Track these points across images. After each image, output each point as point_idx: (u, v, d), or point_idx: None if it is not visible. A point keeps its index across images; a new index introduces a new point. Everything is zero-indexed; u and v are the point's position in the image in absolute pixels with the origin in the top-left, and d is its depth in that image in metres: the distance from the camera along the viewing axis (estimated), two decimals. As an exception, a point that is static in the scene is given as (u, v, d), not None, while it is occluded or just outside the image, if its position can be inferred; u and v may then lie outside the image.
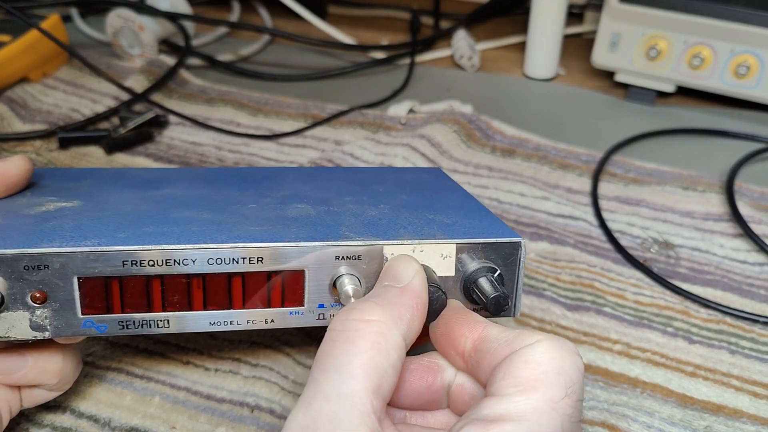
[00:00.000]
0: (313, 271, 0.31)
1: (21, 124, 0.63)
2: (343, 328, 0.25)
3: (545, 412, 0.23)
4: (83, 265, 0.28)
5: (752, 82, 0.63)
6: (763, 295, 0.46)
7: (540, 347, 0.25)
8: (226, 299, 0.30)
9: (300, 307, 0.31)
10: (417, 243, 0.31)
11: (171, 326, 0.30)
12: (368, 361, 0.24)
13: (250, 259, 0.30)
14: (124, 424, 0.37)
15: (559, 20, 0.71)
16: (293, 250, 0.30)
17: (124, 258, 0.29)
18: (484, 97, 0.71)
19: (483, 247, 0.32)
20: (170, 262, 0.29)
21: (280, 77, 0.74)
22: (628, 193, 0.56)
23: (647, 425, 0.37)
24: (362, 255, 0.31)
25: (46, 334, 0.29)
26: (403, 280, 0.28)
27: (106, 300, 0.29)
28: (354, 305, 0.26)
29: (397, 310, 0.26)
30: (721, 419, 0.38)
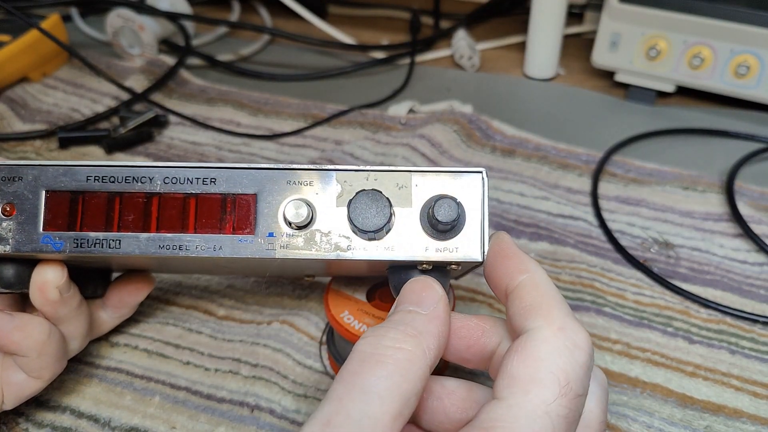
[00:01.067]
0: (264, 196, 0.31)
1: (21, 123, 0.63)
2: (374, 350, 0.25)
3: (537, 416, 0.23)
4: (53, 178, 0.31)
5: (752, 82, 0.63)
6: (763, 295, 0.46)
7: (537, 339, 0.25)
8: (179, 222, 0.31)
9: (250, 235, 0.31)
10: (371, 171, 0.31)
11: (122, 247, 0.31)
12: (395, 387, 0.24)
13: (203, 179, 0.31)
14: (124, 424, 0.37)
15: (559, 20, 0.71)
16: (244, 173, 0.31)
17: (88, 173, 0.31)
18: (484, 97, 0.71)
19: (440, 176, 0.31)
20: (129, 179, 0.31)
21: (280, 77, 0.74)
22: (628, 193, 0.56)
23: (647, 425, 0.37)
24: (314, 181, 0.31)
25: (7, 248, 0.31)
26: (428, 306, 0.28)
27: (67, 216, 0.31)
28: (383, 332, 0.26)
29: (426, 340, 0.26)
30: (721, 419, 0.38)
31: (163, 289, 0.46)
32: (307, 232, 0.31)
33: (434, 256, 0.31)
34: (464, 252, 0.30)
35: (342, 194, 0.31)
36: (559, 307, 0.26)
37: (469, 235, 0.30)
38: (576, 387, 0.24)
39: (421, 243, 0.31)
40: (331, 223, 0.31)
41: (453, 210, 0.29)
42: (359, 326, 0.37)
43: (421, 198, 0.31)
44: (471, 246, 0.30)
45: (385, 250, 0.31)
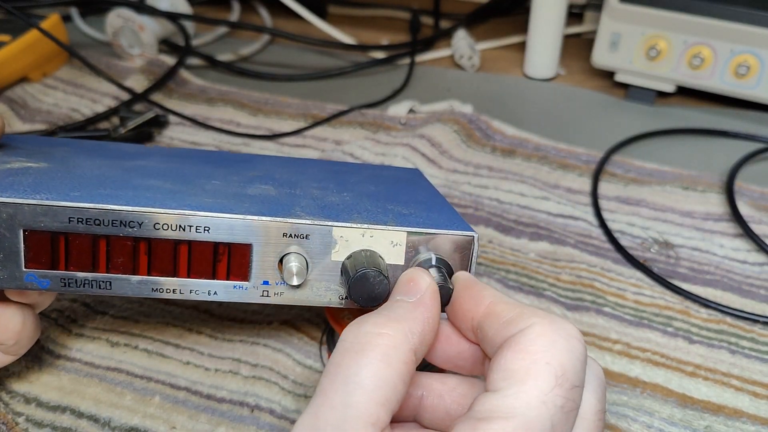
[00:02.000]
0: (259, 246, 0.31)
1: (21, 123, 0.63)
2: (354, 339, 0.25)
3: (534, 406, 0.23)
4: (31, 218, 0.29)
5: (752, 82, 0.63)
6: (763, 295, 0.46)
7: (531, 333, 0.25)
8: (171, 266, 0.30)
9: (245, 282, 0.31)
10: (367, 228, 0.31)
11: (113, 288, 0.30)
12: (377, 373, 0.24)
13: (197, 227, 0.30)
14: (124, 424, 0.37)
15: (559, 20, 0.71)
16: (240, 223, 0.30)
17: (71, 214, 0.29)
18: (484, 97, 0.71)
19: (435, 238, 0.32)
20: (116, 223, 0.29)
21: (280, 77, 0.74)
22: (628, 193, 0.56)
23: (647, 425, 0.37)
24: (310, 234, 0.31)
25: None
26: (415, 294, 0.28)
27: (50, 255, 0.29)
28: (366, 318, 0.26)
29: (408, 324, 0.26)
30: (721, 419, 0.38)
31: (163, 289, 0.46)
32: (302, 283, 0.31)
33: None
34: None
35: (338, 249, 0.31)
36: (542, 315, 0.26)
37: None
38: (572, 378, 0.24)
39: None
40: (325, 276, 0.32)
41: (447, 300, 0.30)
42: (359, 326, 0.37)
43: (413, 255, 0.32)
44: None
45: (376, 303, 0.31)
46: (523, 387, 0.23)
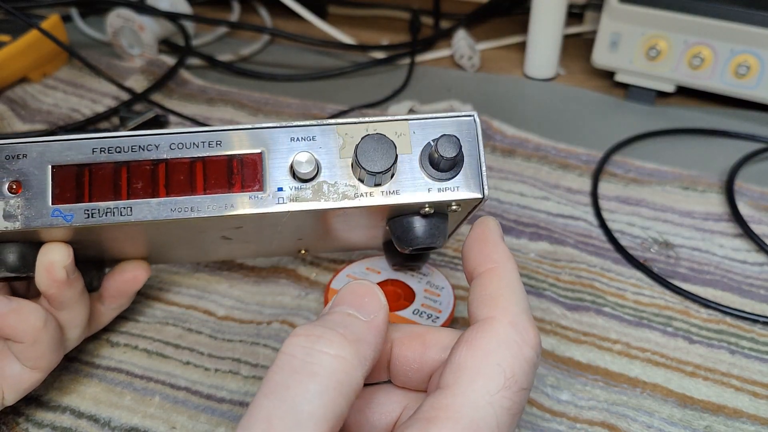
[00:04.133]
0: (270, 153, 0.32)
1: (21, 124, 0.63)
2: (306, 358, 0.23)
3: (481, 407, 0.23)
4: (58, 153, 0.31)
5: (752, 82, 0.63)
6: (763, 295, 0.46)
7: (489, 331, 0.25)
8: (188, 185, 0.31)
9: (260, 192, 0.31)
10: (369, 122, 0.32)
11: (134, 213, 0.31)
12: (330, 404, 0.22)
13: (209, 142, 0.31)
14: (124, 424, 0.37)
15: (559, 20, 0.71)
16: (249, 133, 0.32)
17: (93, 145, 0.31)
18: (484, 97, 0.71)
19: (436, 123, 0.32)
20: (135, 148, 0.31)
21: (280, 77, 0.74)
22: (628, 193, 0.56)
23: (647, 425, 0.37)
24: (316, 135, 0.32)
25: (16, 224, 0.31)
26: (369, 313, 0.26)
27: (75, 189, 0.31)
28: (318, 332, 0.24)
29: (364, 348, 0.24)
30: (721, 419, 0.38)
31: (164, 289, 0.46)
32: (315, 184, 0.32)
33: (437, 197, 0.32)
34: (465, 190, 0.32)
35: (344, 146, 0.32)
36: (516, 302, 0.26)
37: (468, 174, 0.32)
38: (521, 381, 0.24)
39: (423, 185, 0.32)
40: (336, 174, 0.32)
41: (455, 144, 0.30)
42: (359, 326, 0.37)
43: (419, 143, 0.32)
44: (471, 184, 0.32)
45: (389, 195, 0.32)
46: (471, 386, 0.23)
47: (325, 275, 0.47)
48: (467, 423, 0.22)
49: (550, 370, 0.40)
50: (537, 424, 0.37)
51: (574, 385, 0.39)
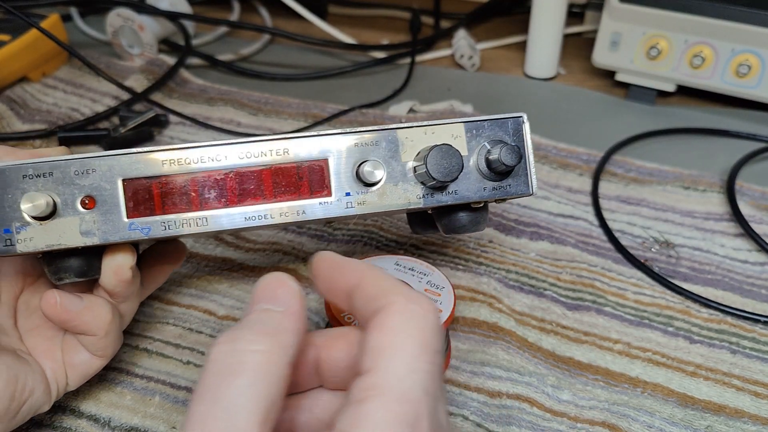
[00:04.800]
0: (336, 160, 0.33)
1: (20, 123, 0.63)
2: (229, 358, 0.24)
3: (405, 376, 0.24)
4: (128, 167, 0.31)
5: (753, 82, 0.63)
6: (764, 295, 0.46)
7: (392, 311, 0.26)
8: (258, 193, 0.32)
9: (328, 197, 0.33)
10: (427, 125, 0.34)
11: (209, 224, 0.32)
12: (259, 394, 0.23)
13: (277, 150, 0.32)
14: (124, 424, 0.37)
15: (559, 20, 0.71)
16: (316, 140, 0.33)
17: (163, 158, 0.31)
18: (485, 96, 0.71)
19: (489, 124, 0.35)
20: (204, 159, 0.32)
21: (280, 77, 0.74)
22: (628, 193, 0.55)
23: (648, 425, 0.37)
24: (379, 140, 0.33)
25: (94, 239, 0.31)
26: (283, 302, 0.27)
27: (148, 201, 0.31)
28: (237, 334, 0.25)
29: (283, 337, 0.25)
30: (722, 419, 0.37)
31: (164, 289, 0.46)
32: (379, 188, 0.33)
33: (491, 195, 0.35)
34: (517, 188, 0.35)
35: (405, 149, 0.34)
36: (400, 286, 0.27)
37: (518, 172, 0.35)
38: (433, 344, 0.25)
39: (479, 185, 0.35)
40: (398, 177, 0.34)
41: (516, 154, 0.33)
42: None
43: (473, 144, 0.34)
44: (521, 182, 0.35)
45: (450, 194, 0.34)
46: (391, 362, 0.24)
47: (326, 275, 0.47)
48: (397, 395, 0.23)
49: (551, 369, 0.40)
50: (538, 424, 0.37)
51: (575, 385, 0.39)
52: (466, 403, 0.38)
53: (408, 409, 0.23)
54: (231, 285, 0.46)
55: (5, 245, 0.30)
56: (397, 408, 0.23)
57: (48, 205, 0.30)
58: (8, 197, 0.30)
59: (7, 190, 0.30)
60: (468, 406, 0.38)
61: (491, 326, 0.43)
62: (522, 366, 0.40)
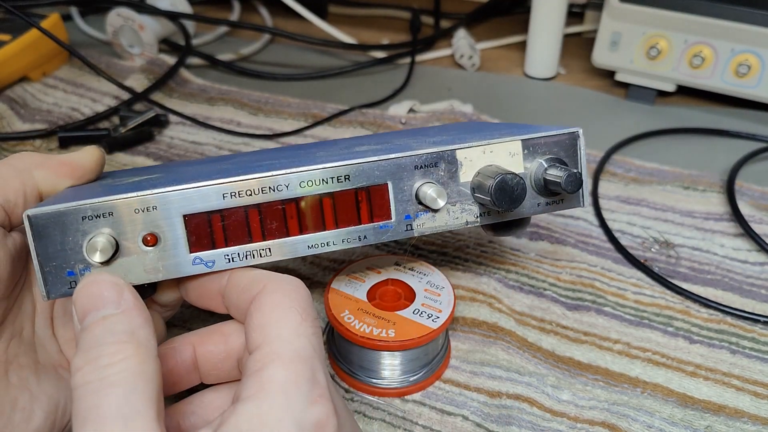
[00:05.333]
0: (395, 183, 0.33)
1: (21, 123, 0.63)
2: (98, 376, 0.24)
3: (293, 340, 0.26)
4: (187, 203, 0.30)
5: (753, 82, 0.63)
6: (763, 295, 0.46)
7: (268, 291, 0.28)
8: (319, 220, 0.32)
9: (388, 221, 0.33)
10: (486, 144, 0.34)
11: (273, 254, 0.32)
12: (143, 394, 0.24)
13: (337, 178, 0.32)
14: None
15: (559, 19, 0.71)
16: (375, 165, 0.32)
17: (223, 191, 0.31)
18: (485, 96, 0.71)
19: (545, 141, 0.35)
20: (265, 190, 0.31)
21: (280, 76, 0.74)
22: (628, 193, 0.56)
23: (648, 425, 0.37)
24: (438, 162, 0.33)
25: (159, 275, 0.31)
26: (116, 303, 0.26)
27: (210, 235, 0.31)
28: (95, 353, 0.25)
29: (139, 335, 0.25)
30: (721, 419, 0.37)
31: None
32: (440, 210, 0.33)
33: (546, 210, 0.35)
34: (568, 203, 0.36)
35: (464, 170, 0.34)
36: (268, 272, 0.29)
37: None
38: (310, 311, 0.28)
39: (533, 201, 0.35)
40: (457, 197, 0.34)
41: (578, 181, 0.33)
42: (359, 326, 0.37)
43: (530, 161, 0.35)
44: (574, 197, 0.36)
45: (504, 213, 0.35)
46: (279, 331, 0.26)
47: (326, 275, 0.47)
48: (291, 355, 0.26)
49: (551, 369, 0.40)
50: (537, 424, 0.37)
51: (575, 385, 0.39)
52: (466, 403, 0.38)
53: (304, 366, 0.26)
54: (231, 285, 0.46)
55: (69, 287, 0.30)
56: (294, 366, 0.25)
57: (111, 247, 0.29)
58: (69, 240, 0.29)
59: (67, 233, 0.29)
60: (468, 406, 0.38)
61: (491, 326, 0.43)
62: (522, 366, 0.40)
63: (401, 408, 0.38)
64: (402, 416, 0.37)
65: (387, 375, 0.38)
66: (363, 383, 0.39)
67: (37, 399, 0.30)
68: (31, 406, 0.30)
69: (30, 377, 0.31)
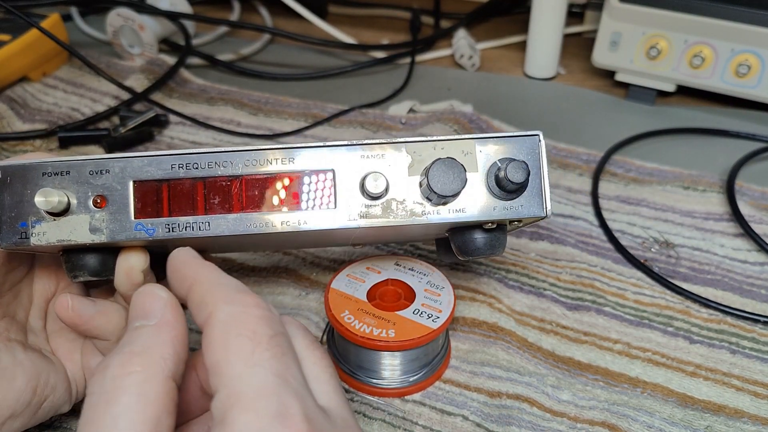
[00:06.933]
0: (342, 172, 0.33)
1: (21, 123, 0.63)
2: (103, 388, 0.24)
3: (249, 373, 0.23)
4: (139, 169, 0.32)
5: (753, 82, 0.63)
6: (763, 295, 0.46)
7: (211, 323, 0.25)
8: (262, 201, 0.32)
9: (332, 209, 0.33)
10: (437, 140, 0.33)
11: (212, 228, 0.32)
12: (137, 417, 0.23)
13: (283, 159, 0.32)
14: (124, 424, 0.37)
15: (559, 19, 0.71)
16: (323, 151, 0.33)
17: (173, 162, 0.32)
18: (485, 96, 0.71)
19: (502, 142, 0.33)
20: (212, 164, 0.32)
21: (280, 77, 0.74)
22: (628, 193, 0.56)
23: (648, 425, 0.37)
24: (386, 154, 0.33)
25: (102, 237, 0.32)
26: (155, 315, 0.26)
27: (156, 203, 0.32)
28: (108, 362, 0.24)
29: (158, 350, 0.25)
30: (721, 419, 0.37)
31: (163, 289, 0.46)
32: (384, 201, 0.33)
33: (501, 215, 0.33)
34: (529, 209, 0.33)
35: (413, 164, 0.33)
36: (224, 288, 0.26)
37: (531, 192, 0.33)
38: (266, 331, 0.25)
39: (489, 204, 0.33)
40: (404, 192, 0.33)
41: (524, 170, 0.32)
42: (359, 326, 0.37)
43: (485, 162, 0.33)
44: (533, 203, 0.33)
45: (456, 212, 0.33)
46: (230, 368, 0.24)
47: (326, 275, 0.47)
48: (251, 395, 0.23)
49: (551, 369, 0.40)
50: (537, 424, 0.37)
51: (575, 385, 0.39)
52: (466, 403, 0.38)
53: (267, 402, 0.23)
54: (231, 285, 0.46)
55: (20, 237, 0.31)
56: (255, 405, 0.23)
57: (60, 202, 0.31)
58: (27, 192, 0.31)
59: (26, 186, 0.31)
60: (468, 406, 0.38)
61: (491, 326, 0.43)
62: (522, 366, 0.40)
63: (401, 408, 0.38)
64: (402, 416, 0.37)
65: (387, 375, 0.38)
66: (363, 383, 0.39)
67: (20, 364, 0.32)
68: (13, 368, 0.32)
69: (16, 348, 0.33)
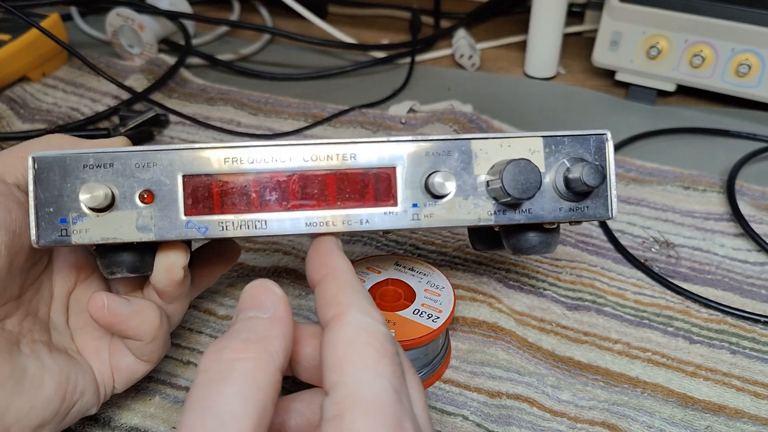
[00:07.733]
0: (405, 169, 0.31)
1: (21, 123, 0.63)
2: (217, 368, 0.24)
3: (371, 382, 0.24)
4: (189, 162, 0.30)
5: (753, 81, 0.63)
6: (764, 295, 0.46)
7: (342, 323, 0.26)
8: (322, 198, 0.31)
9: (394, 207, 0.31)
10: (504, 138, 0.32)
11: (268, 227, 0.30)
12: (248, 401, 0.23)
13: (344, 155, 0.30)
14: (124, 424, 0.37)
15: (559, 19, 0.71)
16: (385, 147, 0.31)
17: (225, 155, 0.30)
18: (485, 96, 0.71)
19: (569, 140, 0.32)
20: (268, 160, 0.30)
21: (280, 76, 0.74)
22: (628, 193, 0.55)
23: (648, 425, 0.37)
24: (452, 150, 0.31)
25: (150, 235, 0.30)
26: (268, 309, 0.27)
27: (207, 200, 0.30)
28: (224, 344, 0.25)
29: (270, 343, 0.26)
30: (722, 419, 0.37)
31: (163, 289, 0.46)
32: (449, 201, 0.31)
33: (568, 216, 0.32)
34: (595, 210, 0.32)
35: (479, 162, 0.32)
36: (356, 294, 0.27)
37: (598, 193, 0.32)
38: (389, 348, 0.25)
39: (555, 205, 0.32)
40: (469, 191, 0.32)
41: (600, 174, 0.30)
42: (359, 326, 0.37)
43: (552, 161, 0.32)
44: (599, 205, 0.32)
45: (523, 213, 0.32)
46: (355, 373, 0.24)
47: (326, 275, 0.47)
48: (371, 400, 0.23)
49: (551, 369, 0.40)
50: (537, 424, 0.37)
51: (575, 385, 0.39)
52: (466, 403, 0.38)
53: (386, 414, 0.23)
54: (231, 285, 0.46)
55: (60, 235, 0.29)
56: (376, 414, 0.23)
57: (106, 197, 0.29)
58: (67, 186, 0.29)
59: (66, 179, 0.29)
60: (468, 406, 0.38)
61: (491, 326, 0.43)
62: (522, 366, 0.40)
63: (401, 408, 0.38)
64: (402, 416, 0.37)
65: (387, 375, 0.38)
66: (363, 383, 0.39)
67: (48, 370, 0.31)
68: (41, 374, 0.30)
69: (42, 350, 0.32)
